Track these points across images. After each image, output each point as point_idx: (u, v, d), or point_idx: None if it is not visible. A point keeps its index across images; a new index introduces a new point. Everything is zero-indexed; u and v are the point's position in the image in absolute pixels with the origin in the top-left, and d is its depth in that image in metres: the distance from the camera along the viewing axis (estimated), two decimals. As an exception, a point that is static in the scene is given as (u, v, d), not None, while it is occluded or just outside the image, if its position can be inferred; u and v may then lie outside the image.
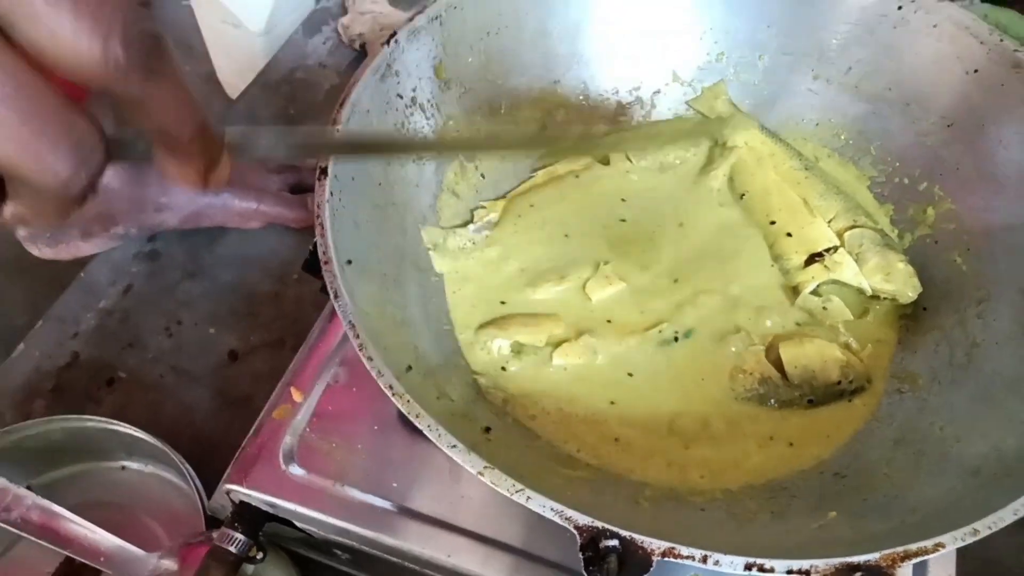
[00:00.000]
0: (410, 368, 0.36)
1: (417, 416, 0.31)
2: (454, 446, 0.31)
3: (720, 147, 0.53)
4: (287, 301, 0.69)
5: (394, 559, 0.44)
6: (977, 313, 0.44)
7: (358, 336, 0.33)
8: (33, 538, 0.50)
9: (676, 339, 0.46)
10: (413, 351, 0.39)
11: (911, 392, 0.43)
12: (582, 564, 0.28)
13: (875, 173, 0.52)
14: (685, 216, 0.52)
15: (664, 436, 0.42)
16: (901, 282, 0.46)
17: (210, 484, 0.52)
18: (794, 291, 0.48)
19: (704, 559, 0.28)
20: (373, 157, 0.41)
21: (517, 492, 0.30)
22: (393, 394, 0.32)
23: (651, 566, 0.28)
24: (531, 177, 0.53)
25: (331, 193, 0.38)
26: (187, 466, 0.54)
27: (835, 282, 0.47)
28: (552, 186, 0.52)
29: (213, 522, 0.51)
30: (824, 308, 0.47)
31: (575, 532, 0.29)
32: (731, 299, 0.48)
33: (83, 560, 0.50)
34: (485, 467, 0.30)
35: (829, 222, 0.49)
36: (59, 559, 0.56)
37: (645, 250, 0.50)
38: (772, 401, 0.44)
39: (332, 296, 0.34)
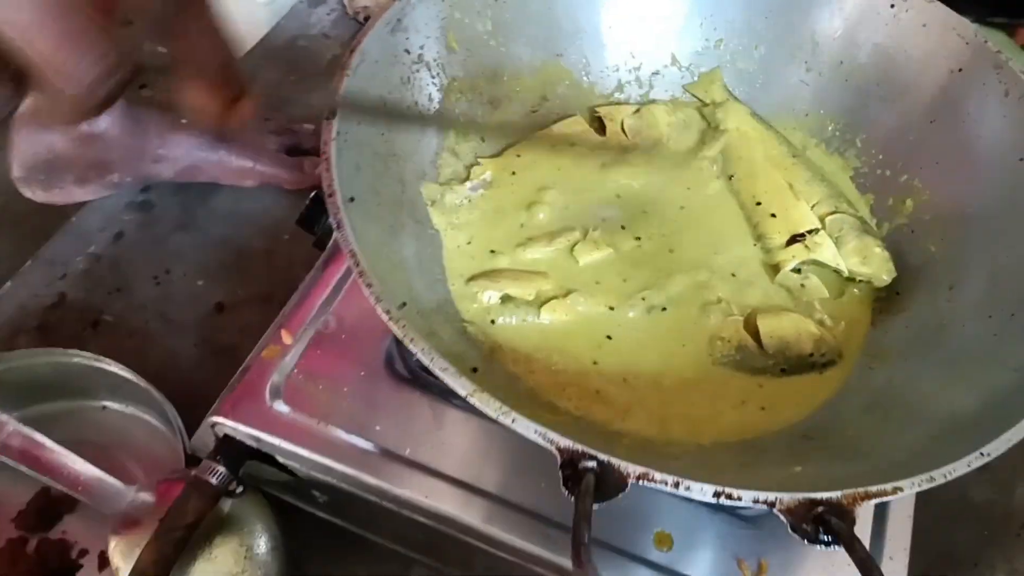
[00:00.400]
0: (404, 305, 0.37)
1: (412, 340, 0.33)
2: (446, 369, 0.32)
3: (712, 129, 0.55)
4: (277, 259, 0.70)
5: (373, 499, 0.45)
6: (947, 297, 0.46)
7: (359, 264, 0.34)
8: (13, 463, 0.50)
9: (664, 309, 0.47)
10: (408, 291, 0.40)
11: (880, 367, 0.45)
12: (561, 481, 0.30)
13: (859, 164, 0.54)
14: (676, 193, 0.53)
15: (644, 392, 0.43)
16: (877, 266, 0.48)
17: (191, 429, 0.53)
18: (775, 269, 0.49)
19: (676, 484, 0.30)
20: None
21: (503, 414, 0.31)
22: (390, 319, 0.33)
23: (626, 487, 0.30)
24: (528, 139, 0.54)
25: (337, 132, 0.39)
26: (170, 406, 0.55)
27: (814, 262, 0.49)
28: (549, 150, 0.54)
29: (193, 463, 0.52)
30: (802, 286, 0.49)
31: (556, 453, 0.30)
32: (714, 272, 0.49)
33: (62, 488, 0.51)
34: (475, 389, 0.32)
35: (812, 207, 0.51)
36: (31, 492, 0.56)
37: (635, 221, 0.51)
38: (748, 367, 0.46)
39: (335, 226, 0.35)
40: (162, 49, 0.26)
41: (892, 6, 0.50)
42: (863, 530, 0.44)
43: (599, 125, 0.56)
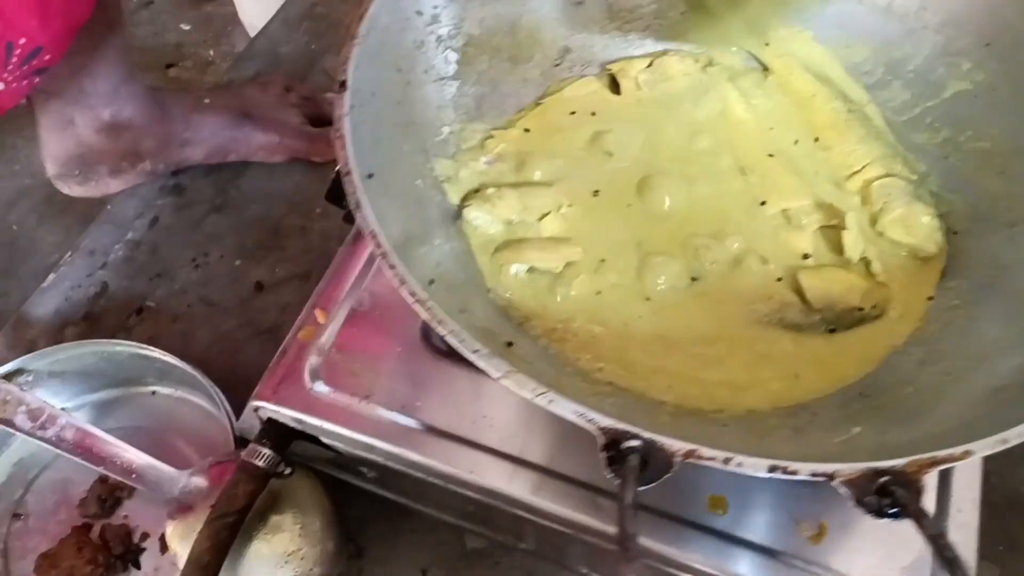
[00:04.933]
0: (432, 282, 0.37)
1: (440, 322, 0.32)
2: (477, 351, 0.31)
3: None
4: (312, 235, 0.70)
5: (420, 475, 0.45)
6: (1009, 236, 0.43)
7: (380, 245, 0.33)
8: (68, 455, 0.52)
9: (696, 279, 0.45)
10: (435, 267, 0.39)
11: (938, 316, 0.43)
12: (604, 463, 0.28)
13: (907, 97, 0.50)
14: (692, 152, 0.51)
15: (683, 359, 0.42)
16: (923, 236, 0.45)
17: (238, 410, 0.53)
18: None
19: (727, 460, 0.28)
20: None
21: (540, 395, 0.30)
22: (416, 301, 0.32)
23: (672, 467, 0.28)
24: (540, 103, 0.52)
25: (351, 107, 0.37)
26: (217, 390, 0.56)
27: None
28: (563, 115, 0.51)
29: (242, 444, 0.53)
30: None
31: (598, 433, 0.29)
32: (747, 231, 0.47)
33: (116, 476, 0.52)
34: (508, 371, 0.31)
35: (864, 167, 0.49)
36: (93, 479, 0.58)
37: (658, 184, 0.49)
38: (793, 326, 0.44)
39: (353, 206, 0.34)
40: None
41: (940, -79, 0.46)
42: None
43: (613, 83, 0.53)
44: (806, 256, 0.46)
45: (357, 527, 0.57)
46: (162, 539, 0.56)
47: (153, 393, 0.62)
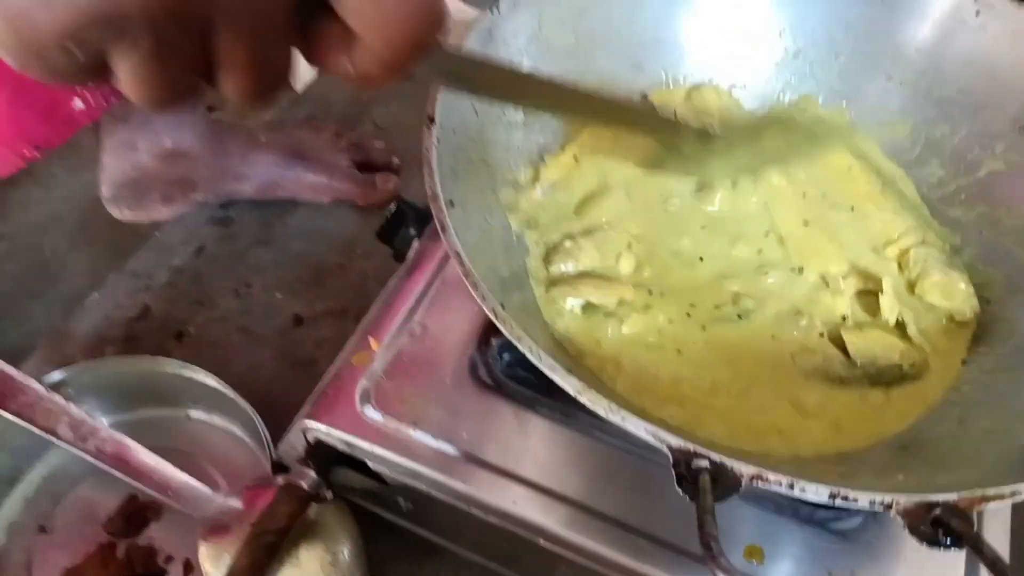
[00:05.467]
0: (503, 307, 0.38)
1: (519, 338, 0.33)
2: (553, 368, 0.32)
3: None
4: (352, 274, 0.72)
5: (460, 506, 0.45)
6: (1043, 305, 0.45)
7: (463, 264, 0.35)
8: (106, 467, 0.52)
9: (740, 317, 0.47)
10: (502, 294, 0.41)
11: (975, 378, 0.44)
12: (674, 480, 0.30)
13: (942, 174, 0.53)
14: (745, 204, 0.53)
15: (734, 399, 0.43)
16: (960, 301, 0.47)
17: (272, 439, 0.54)
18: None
19: (791, 485, 0.30)
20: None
21: (613, 412, 0.31)
22: (496, 317, 0.34)
23: (740, 487, 0.29)
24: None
25: (437, 139, 0.40)
26: (256, 414, 0.56)
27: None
28: (612, 142, 0.53)
29: (280, 469, 0.53)
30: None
31: (667, 451, 0.30)
32: (789, 293, 0.49)
33: (152, 492, 0.52)
34: (583, 388, 0.32)
35: (900, 236, 0.51)
36: (123, 497, 0.58)
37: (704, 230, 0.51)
38: (837, 379, 0.45)
39: (440, 229, 0.36)
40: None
41: (978, 14, 0.50)
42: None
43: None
44: (844, 318, 0.48)
45: (380, 565, 0.56)
46: (186, 564, 0.56)
47: (187, 417, 0.63)
